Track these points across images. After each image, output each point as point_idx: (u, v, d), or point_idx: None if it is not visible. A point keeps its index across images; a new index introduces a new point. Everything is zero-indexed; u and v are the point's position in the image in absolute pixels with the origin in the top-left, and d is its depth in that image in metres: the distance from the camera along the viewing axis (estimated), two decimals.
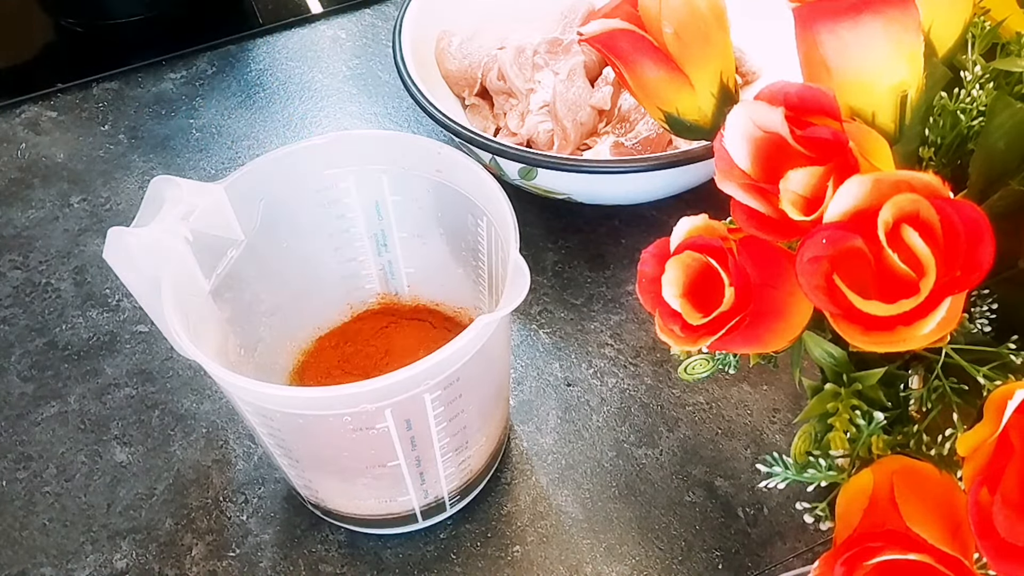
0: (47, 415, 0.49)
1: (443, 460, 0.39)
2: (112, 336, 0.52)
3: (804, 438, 0.30)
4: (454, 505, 0.44)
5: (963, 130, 0.31)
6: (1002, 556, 0.22)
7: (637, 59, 0.33)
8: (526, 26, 0.62)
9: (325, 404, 0.34)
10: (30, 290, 0.55)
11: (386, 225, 0.45)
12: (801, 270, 0.24)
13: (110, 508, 0.45)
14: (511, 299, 0.33)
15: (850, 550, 0.25)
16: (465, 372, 0.35)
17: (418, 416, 0.36)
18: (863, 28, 0.27)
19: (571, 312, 0.53)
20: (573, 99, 0.57)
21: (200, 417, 0.49)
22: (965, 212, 0.23)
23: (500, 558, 0.43)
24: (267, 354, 0.46)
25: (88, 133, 0.65)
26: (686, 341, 0.28)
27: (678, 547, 0.43)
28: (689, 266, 0.28)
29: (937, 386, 0.29)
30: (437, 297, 0.49)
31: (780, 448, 0.47)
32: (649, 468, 0.46)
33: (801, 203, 0.25)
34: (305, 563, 0.43)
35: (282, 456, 0.39)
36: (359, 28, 0.73)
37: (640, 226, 0.57)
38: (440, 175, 0.41)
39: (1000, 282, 0.29)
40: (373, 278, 0.48)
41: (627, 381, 0.49)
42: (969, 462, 0.24)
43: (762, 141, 0.27)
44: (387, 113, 0.66)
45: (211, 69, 0.70)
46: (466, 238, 0.43)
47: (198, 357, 0.33)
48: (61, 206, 0.60)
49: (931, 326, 0.23)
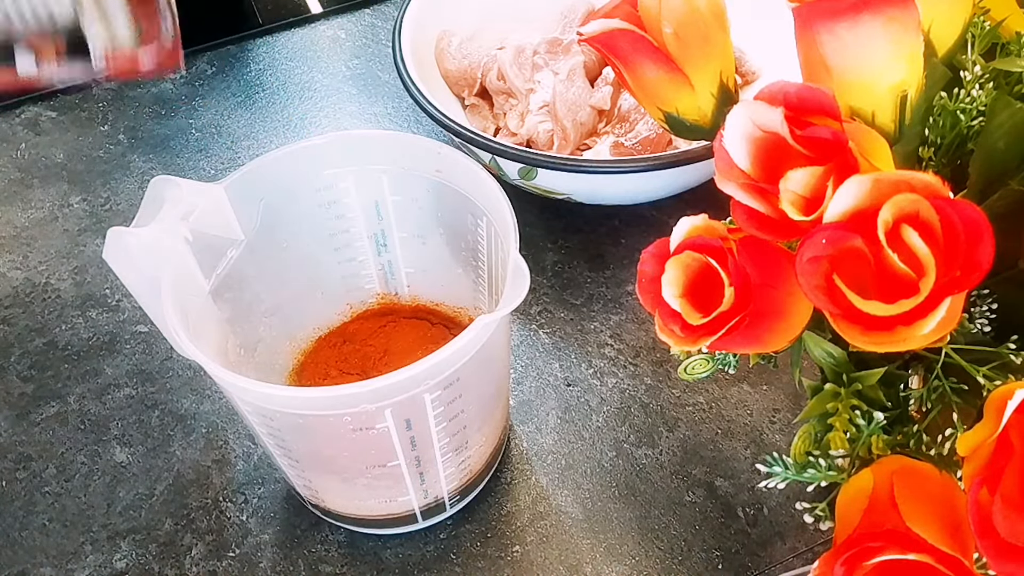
0: (47, 415, 0.49)
1: (443, 460, 0.39)
2: (112, 336, 0.52)
3: (804, 438, 0.30)
4: (454, 505, 0.44)
5: (963, 130, 0.31)
6: (1002, 556, 0.22)
7: (637, 59, 0.33)
8: (526, 26, 0.62)
9: (325, 404, 0.34)
10: (30, 290, 0.55)
11: (386, 225, 0.45)
12: (801, 270, 0.24)
13: (110, 508, 0.45)
14: (511, 299, 0.33)
15: (850, 550, 0.25)
16: (465, 372, 0.35)
17: (418, 416, 0.36)
18: (863, 28, 0.27)
19: (571, 312, 0.53)
20: (573, 99, 0.57)
21: (200, 417, 0.49)
22: (965, 212, 0.23)
23: (500, 558, 0.43)
24: (267, 354, 0.46)
25: (88, 133, 0.65)
26: (686, 341, 0.28)
27: (678, 547, 0.43)
28: (689, 266, 0.28)
29: (937, 386, 0.29)
30: (437, 297, 0.49)
31: (780, 448, 0.47)
32: (649, 468, 0.46)
33: (801, 203, 0.25)
34: (305, 563, 0.43)
35: (282, 456, 0.39)
36: (359, 28, 0.73)
37: (640, 226, 0.57)
38: (440, 175, 0.41)
39: (1000, 282, 0.29)
40: (373, 278, 0.48)
41: (627, 381, 0.49)
42: (969, 462, 0.24)
43: (762, 141, 0.27)
44: (387, 113, 0.66)
45: (211, 69, 0.70)
46: (466, 238, 0.43)
47: (198, 357, 0.33)
48: (61, 206, 0.60)
49: (931, 326, 0.23)
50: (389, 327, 0.49)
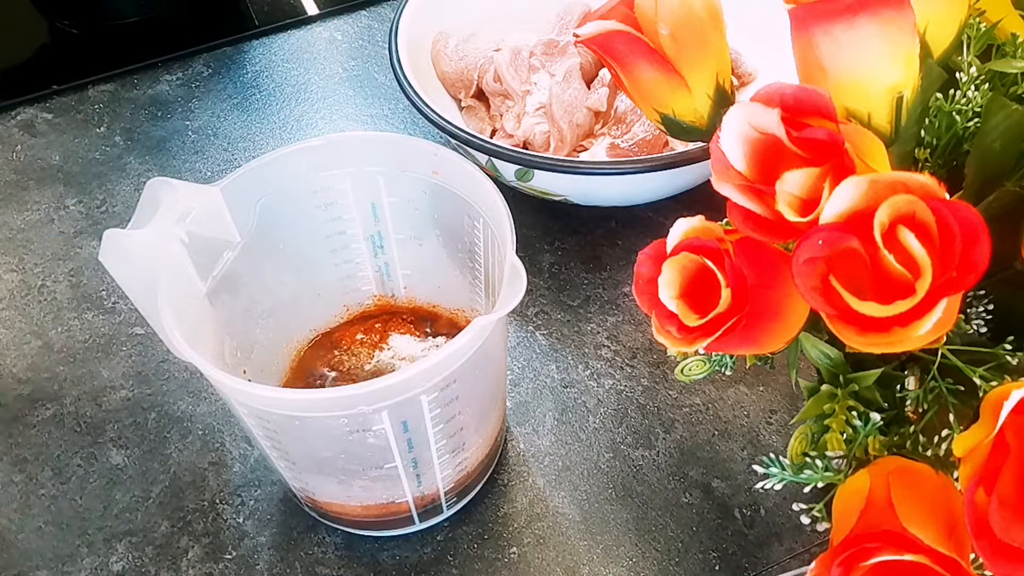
0: (43, 417, 0.49)
1: (440, 462, 0.39)
2: (108, 339, 0.52)
3: (801, 439, 0.30)
4: (451, 507, 0.43)
5: (959, 131, 0.31)
6: (998, 556, 0.22)
7: (633, 61, 0.33)
8: (522, 28, 0.62)
9: (322, 406, 0.34)
10: (25, 292, 0.55)
11: (383, 227, 0.45)
12: (797, 271, 0.24)
13: (106, 511, 0.45)
14: (507, 301, 0.33)
15: (847, 551, 0.25)
16: (461, 374, 0.35)
17: (415, 418, 0.36)
18: (859, 29, 0.27)
19: (568, 314, 0.53)
20: (569, 101, 0.57)
21: (196, 419, 0.48)
22: (961, 213, 0.23)
23: (497, 560, 0.43)
24: (263, 355, 0.45)
25: (84, 135, 0.65)
26: (682, 342, 0.28)
27: (675, 548, 0.43)
28: (685, 267, 0.28)
29: (933, 387, 0.29)
30: (433, 299, 0.49)
31: (777, 449, 0.47)
32: (646, 469, 0.46)
33: (797, 204, 0.25)
34: (302, 565, 0.43)
35: (279, 459, 0.39)
36: (355, 30, 0.73)
37: (636, 227, 0.57)
38: (436, 177, 0.41)
39: (996, 283, 0.29)
40: (369, 280, 0.48)
41: (624, 382, 0.49)
42: (965, 463, 0.24)
43: (758, 142, 0.27)
44: (383, 115, 0.66)
45: (207, 71, 0.70)
46: (462, 240, 0.43)
47: (194, 359, 0.33)
48: (56, 208, 0.60)
49: (927, 327, 0.23)
50: (385, 329, 0.49)
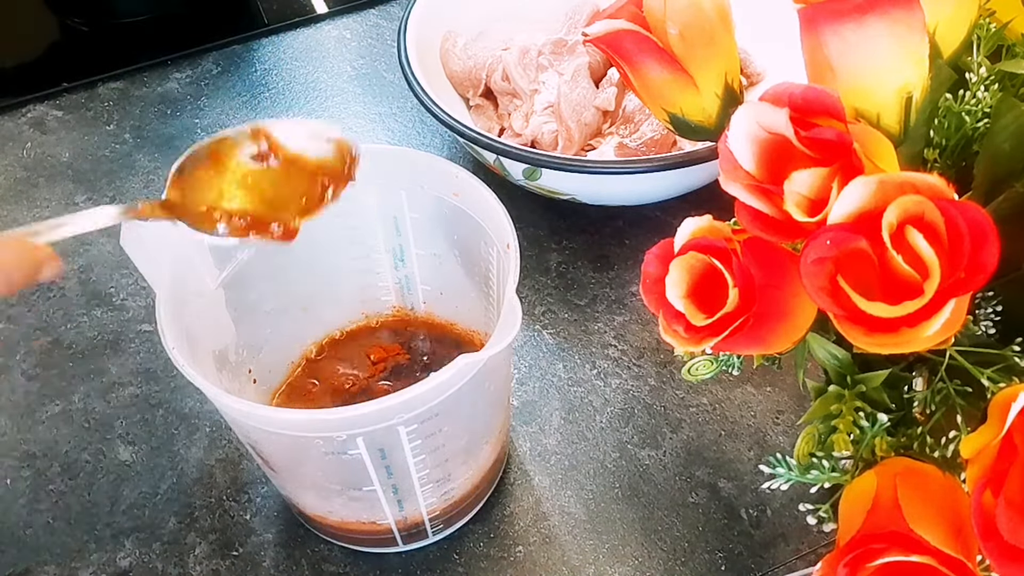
0: (51, 414, 0.49)
1: (423, 490, 0.39)
2: (117, 335, 0.53)
3: (808, 439, 0.30)
4: (437, 533, 0.43)
5: (968, 132, 0.30)
6: (1005, 558, 0.22)
7: (642, 60, 0.33)
8: (531, 27, 0.62)
9: (293, 426, 0.33)
10: (35, 289, 0.55)
11: (404, 240, 0.45)
12: (805, 271, 0.24)
13: (114, 507, 0.45)
14: (500, 339, 0.32)
15: (853, 551, 0.25)
16: (446, 408, 0.34)
17: (393, 447, 0.35)
18: (868, 29, 0.27)
19: (575, 313, 0.53)
20: (577, 100, 0.57)
21: (204, 416, 0.49)
22: (970, 214, 0.23)
23: (503, 558, 0.43)
24: (272, 356, 0.46)
25: (93, 132, 0.65)
26: (690, 342, 0.28)
27: (681, 548, 0.43)
28: (693, 267, 0.28)
29: (941, 388, 0.29)
30: (451, 316, 0.49)
31: (784, 449, 0.46)
32: (652, 469, 0.46)
33: (805, 204, 0.25)
34: (308, 562, 0.43)
35: (263, 465, 0.39)
36: (364, 28, 0.74)
37: (644, 227, 0.57)
38: (457, 199, 0.41)
39: (1005, 284, 0.29)
40: (390, 291, 0.48)
41: (631, 382, 0.49)
42: (973, 464, 0.24)
43: (766, 142, 0.27)
44: (392, 113, 0.66)
45: (216, 69, 0.70)
46: (479, 263, 0.43)
47: (175, 357, 0.33)
48: (66, 205, 0.60)
49: (935, 328, 0.23)
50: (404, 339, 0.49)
